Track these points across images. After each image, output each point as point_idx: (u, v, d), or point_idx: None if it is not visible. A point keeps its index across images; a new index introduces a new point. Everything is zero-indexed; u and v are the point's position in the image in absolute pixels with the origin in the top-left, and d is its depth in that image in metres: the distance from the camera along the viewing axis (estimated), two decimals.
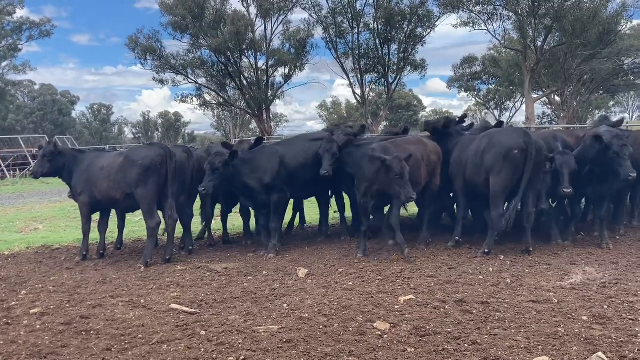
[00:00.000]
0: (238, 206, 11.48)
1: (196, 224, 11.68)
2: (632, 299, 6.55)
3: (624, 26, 44.60)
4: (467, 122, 11.88)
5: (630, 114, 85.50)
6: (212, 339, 5.79)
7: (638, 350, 5.05)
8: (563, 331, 5.59)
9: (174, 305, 6.99)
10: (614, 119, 10.92)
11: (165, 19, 46.63)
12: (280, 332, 5.88)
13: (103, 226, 10.48)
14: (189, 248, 10.41)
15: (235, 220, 12.78)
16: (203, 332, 6.01)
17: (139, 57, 47.22)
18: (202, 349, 5.54)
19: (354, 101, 56.42)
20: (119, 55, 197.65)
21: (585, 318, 5.96)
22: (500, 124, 12.98)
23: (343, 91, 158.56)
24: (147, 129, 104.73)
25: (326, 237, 11.22)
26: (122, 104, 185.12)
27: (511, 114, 74.41)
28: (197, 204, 11.28)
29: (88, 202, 9.94)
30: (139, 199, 9.42)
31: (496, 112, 77.20)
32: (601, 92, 58.99)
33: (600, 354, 4.90)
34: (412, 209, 12.11)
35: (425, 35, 47.04)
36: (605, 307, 6.31)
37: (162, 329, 6.19)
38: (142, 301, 7.32)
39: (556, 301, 6.56)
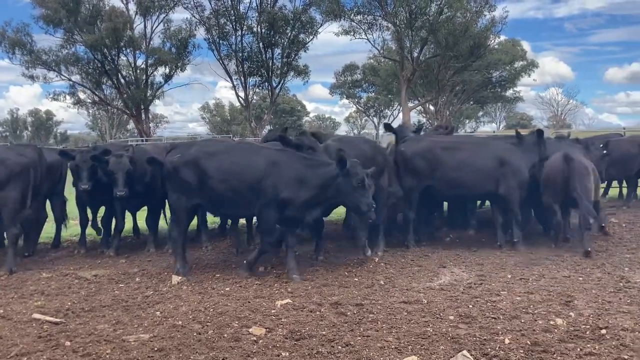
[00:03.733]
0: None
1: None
2: (495, 298, 6.94)
3: (493, 41, 47.50)
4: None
5: (497, 124, 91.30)
6: (77, 350, 5.51)
7: (499, 347, 5.34)
8: (431, 331, 5.80)
9: (36, 315, 6.59)
10: (483, 128, 11.82)
11: (36, 12, 43.97)
12: (151, 341, 5.68)
13: None
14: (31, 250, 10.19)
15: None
16: (68, 343, 5.70)
17: (7, 51, 44.13)
18: None
19: (237, 104, 55.90)
20: None
21: (452, 318, 6.23)
22: (420, 128, 13.50)
23: (226, 93, 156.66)
24: (16, 127, 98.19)
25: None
26: None
27: (389, 122, 77.10)
28: None
29: None
30: (0, 204, 8.75)
31: (375, 120, 79.72)
32: (471, 102, 62.46)
33: (464, 352, 5.13)
34: None
35: (308, 42, 47.64)
36: (471, 306, 6.63)
37: (23, 340, 5.82)
38: (1, 311, 6.87)
39: (426, 301, 6.82)
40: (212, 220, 12.29)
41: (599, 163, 11.33)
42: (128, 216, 11.14)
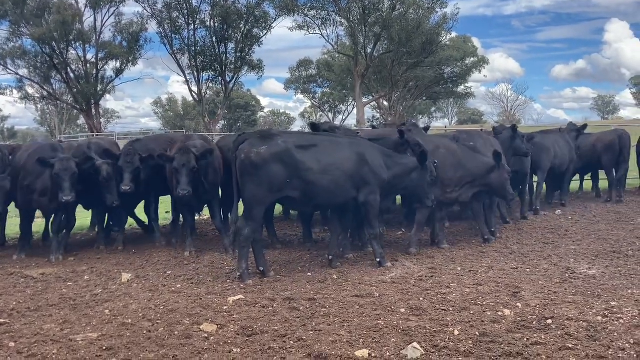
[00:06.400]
0: None
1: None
2: (445, 290, 7.04)
3: (444, 37, 48.33)
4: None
5: (450, 119, 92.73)
6: (22, 351, 5.37)
7: (448, 338, 5.42)
8: (383, 324, 5.85)
9: None
10: (436, 123, 12.10)
11: None
12: (100, 340, 5.57)
13: None
14: None
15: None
16: (12, 344, 5.55)
17: None
18: None
19: (190, 99, 55.32)
20: None
21: (403, 310, 6.29)
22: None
23: (179, 88, 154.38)
24: None
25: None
26: None
27: (344, 117, 77.45)
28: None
29: None
30: None
31: (330, 115, 79.88)
32: (424, 98, 63.21)
33: (415, 344, 5.19)
34: None
35: (262, 36, 47.48)
36: (421, 299, 6.71)
37: None
38: None
39: (378, 295, 6.86)
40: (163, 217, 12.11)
41: None
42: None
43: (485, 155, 9.78)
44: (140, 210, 11.43)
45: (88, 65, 46.86)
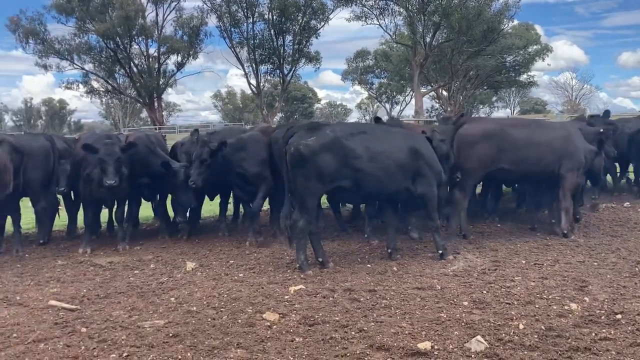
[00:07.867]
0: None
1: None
2: (509, 284, 6.90)
3: (506, 25, 47.19)
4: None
5: (512, 109, 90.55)
6: (93, 336, 5.55)
7: (513, 332, 5.32)
8: (445, 316, 5.79)
9: (52, 302, 6.64)
10: (497, 114, 11.73)
11: (49, 1, 44.23)
12: (166, 327, 5.72)
13: None
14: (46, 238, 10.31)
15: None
16: (84, 329, 5.74)
17: (20, 40, 44.50)
18: (83, 347, 5.29)
19: (249, 92, 55.98)
20: None
21: (466, 303, 6.21)
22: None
23: (238, 81, 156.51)
24: (30, 116, 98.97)
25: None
26: (2, 90, 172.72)
27: (402, 108, 76.77)
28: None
29: None
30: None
31: (387, 106, 79.36)
32: (485, 87, 61.84)
33: (479, 337, 5.12)
34: None
35: (320, 28, 47.56)
36: (485, 292, 6.61)
37: (39, 327, 5.87)
38: (18, 298, 6.92)
39: (439, 287, 6.80)
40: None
41: None
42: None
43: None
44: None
45: (150, 59, 48.09)
